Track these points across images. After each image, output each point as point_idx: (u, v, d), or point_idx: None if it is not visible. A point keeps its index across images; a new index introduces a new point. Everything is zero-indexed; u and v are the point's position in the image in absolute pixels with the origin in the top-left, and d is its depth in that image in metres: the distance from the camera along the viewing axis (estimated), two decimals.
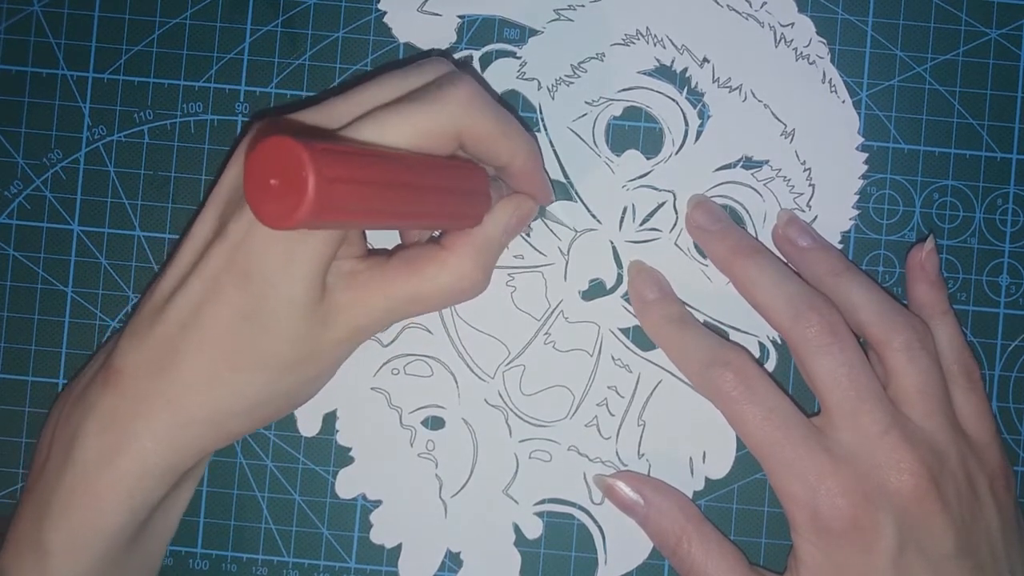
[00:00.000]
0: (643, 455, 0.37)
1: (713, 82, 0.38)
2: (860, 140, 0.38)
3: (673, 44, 0.38)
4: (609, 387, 0.38)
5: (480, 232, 0.33)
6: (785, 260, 0.37)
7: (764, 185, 0.38)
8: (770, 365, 0.38)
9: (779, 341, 0.38)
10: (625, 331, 0.38)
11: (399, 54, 0.38)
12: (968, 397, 0.35)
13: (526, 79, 0.38)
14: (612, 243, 0.38)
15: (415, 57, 0.38)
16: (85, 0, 0.39)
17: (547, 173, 0.36)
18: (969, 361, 0.36)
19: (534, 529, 0.38)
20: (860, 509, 0.32)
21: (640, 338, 0.38)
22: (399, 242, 0.37)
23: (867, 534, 0.32)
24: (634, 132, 0.38)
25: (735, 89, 0.38)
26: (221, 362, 0.31)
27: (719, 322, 0.37)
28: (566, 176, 0.38)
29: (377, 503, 0.37)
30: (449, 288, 0.32)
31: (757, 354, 0.38)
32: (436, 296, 0.32)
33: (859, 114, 0.38)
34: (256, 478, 0.38)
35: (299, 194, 0.23)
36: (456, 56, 0.38)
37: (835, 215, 0.38)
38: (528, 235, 0.38)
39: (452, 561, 0.37)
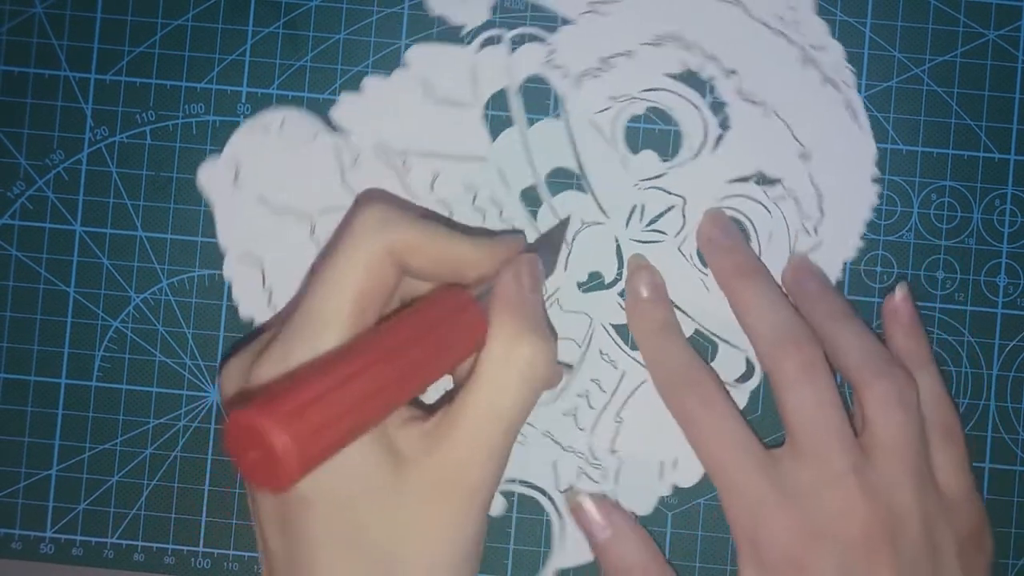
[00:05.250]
0: (615, 452, 0.37)
1: (737, 94, 0.38)
2: (875, 172, 0.38)
3: (703, 51, 0.38)
4: (593, 380, 0.38)
5: (502, 312, 0.30)
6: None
7: (774, 203, 0.38)
8: (754, 382, 0.38)
9: None
10: (617, 327, 0.38)
11: (399, 55, 0.38)
12: (947, 452, 0.34)
13: (554, 66, 0.38)
14: (616, 239, 0.38)
15: None
16: (87, 1, 0.39)
17: (500, 243, 0.33)
18: (949, 415, 0.35)
19: (497, 506, 0.38)
20: (800, 547, 0.32)
21: (629, 336, 0.38)
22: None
23: (804, 573, 0.32)
24: (653, 133, 0.38)
25: (758, 104, 0.38)
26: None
27: (710, 332, 0.38)
28: (580, 167, 0.38)
29: None
30: (520, 373, 0.29)
31: (743, 369, 0.37)
32: (517, 394, 0.29)
33: None
34: None
35: (276, 461, 0.23)
36: (485, 35, 0.38)
37: (840, 243, 0.38)
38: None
39: None
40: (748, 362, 0.38)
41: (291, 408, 0.24)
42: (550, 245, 0.37)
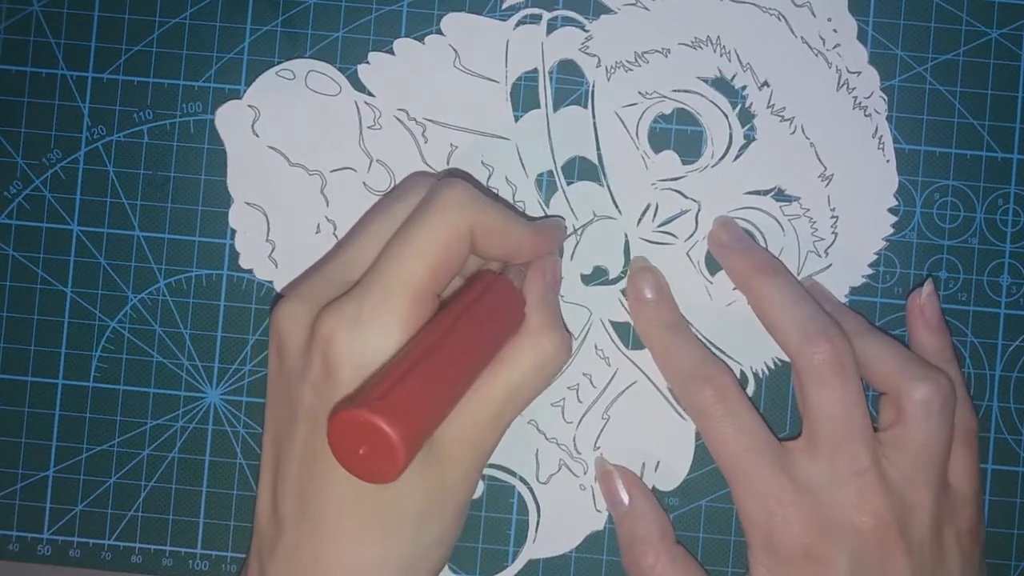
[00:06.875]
0: (599, 448, 0.37)
1: (767, 107, 0.37)
2: (893, 203, 0.38)
3: (739, 60, 0.37)
4: (585, 374, 0.38)
5: (531, 306, 0.33)
6: None
7: (789, 220, 0.37)
8: (748, 392, 0.37)
9: (760, 375, 0.38)
10: (615, 324, 0.38)
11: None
12: (962, 455, 0.35)
13: (588, 53, 0.38)
14: (626, 235, 0.38)
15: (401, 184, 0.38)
16: (85, 0, 0.38)
17: (551, 230, 0.36)
18: (970, 419, 0.35)
19: (477, 489, 0.37)
20: (814, 539, 0.32)
21: (626, 335, 0.38)
22: None
23: (818, 565, 0.32)
24: (677, 134, 0.38)
25: (787, 120, 0.37)
26: (364, 539, 0.30)
27: (708, 341, 0.37)
28: (600, 159, 0.38)
29: None
30: (538, 362, 0.32)
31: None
32: (531, 377, 0.32)
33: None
34: (255, 478, 0.38)
35: (392, 455, 0.25)
36: (524, 13, 0.38)
37: (849, 269, 0.38)
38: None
39: None
40: (743, 375, 0.37)
41: (400, 406, 0.26)
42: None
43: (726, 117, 0.38)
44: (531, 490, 0.38)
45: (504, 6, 0.38)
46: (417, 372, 0.27)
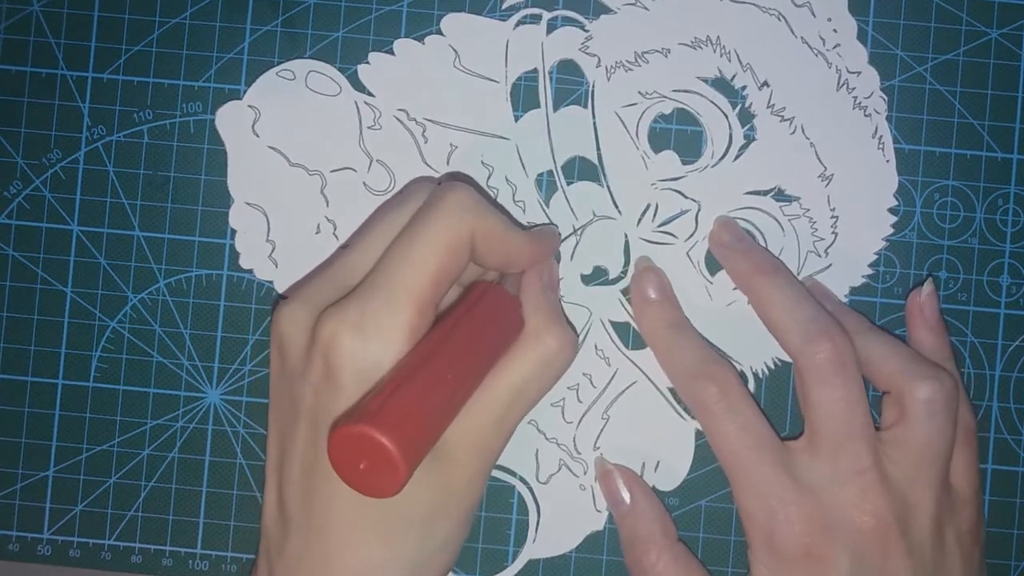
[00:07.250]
0: (599, 448, 0.37)
1: (767, 107, 0.37)
2: (893, 203, 0.38)
3: (739, 60, 0.37)
4: (585, 374, 0.38)
5: (529, 308, 0.33)
6: None
7: (789, 220, 0.37)
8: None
9: (761, 375, 0.38)
10: (615, 324, 0.38)
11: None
12: (962, 453, 0.35)
13: (588, 53, 0.38)
14: (626, 236, 0.38)
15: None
16: (85, 0, 0.38)
17: (546, 238, 0.36)
18: (968, 417, 0.35)
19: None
20: (815, 539, 0.32)
21: (626, 335, 0.38)
22: None
23: (819, 565, 0.32)
24: (677, 134, 0.38)
25: (787, 120, 0.37)
26: (369, 544, 0.30)
27: (708, 342, 0.37)
28: (600, 159, 0.38)
29: None
30: (542, 360, 0.32)
31: None
32: (535, 377, 0.32)
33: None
34: (256, 478, 0.38)
35: (392, 469, 0.25)
36: (524, 13, 0.38)
37: (849, 269, 0.38)
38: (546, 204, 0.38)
39: None
40: (743, 375, 0.37)
41: (399, 420, 0.26)
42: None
43: (726, 117, 0.38)
44: (531, 490, 0.38)
45: (504, 6, 0.38)
46: (416, 384, 0.27)
